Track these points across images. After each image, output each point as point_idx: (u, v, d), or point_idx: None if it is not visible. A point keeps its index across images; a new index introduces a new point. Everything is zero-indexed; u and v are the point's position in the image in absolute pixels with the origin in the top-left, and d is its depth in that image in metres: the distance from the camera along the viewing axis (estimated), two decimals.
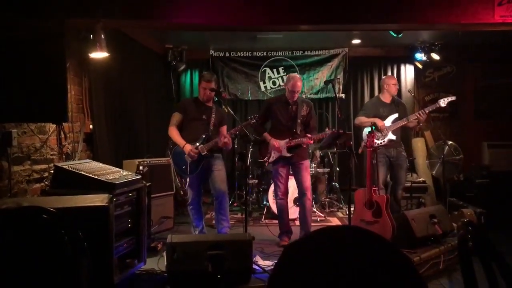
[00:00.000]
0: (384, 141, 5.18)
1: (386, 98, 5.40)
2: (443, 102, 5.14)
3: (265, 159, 4.86)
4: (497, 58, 7.31)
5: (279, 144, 4.70)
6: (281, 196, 4.83)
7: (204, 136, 4.58)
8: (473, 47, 7.29)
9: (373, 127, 5.16)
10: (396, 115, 5.26)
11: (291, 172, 4.91)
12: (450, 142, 6.11)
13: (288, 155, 4.71)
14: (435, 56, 7.18)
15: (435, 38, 7.00)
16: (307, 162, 4.88)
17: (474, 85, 7.71)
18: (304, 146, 4.74)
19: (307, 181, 4.82)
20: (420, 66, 7.60)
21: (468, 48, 7.34)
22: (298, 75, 4.96)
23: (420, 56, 7.31)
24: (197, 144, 4.52)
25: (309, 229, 4.76)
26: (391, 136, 5.19)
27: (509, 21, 4.13)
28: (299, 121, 4.73)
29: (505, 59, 7.23)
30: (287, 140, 4.71)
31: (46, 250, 2.32)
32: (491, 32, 4.60)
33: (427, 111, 5.13)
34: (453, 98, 5.21)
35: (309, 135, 4.66)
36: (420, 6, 4.16)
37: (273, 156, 4.77)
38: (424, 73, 7.82)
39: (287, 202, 4.90)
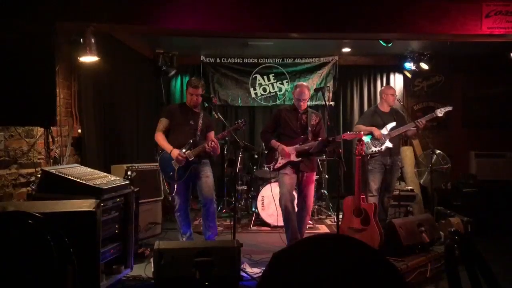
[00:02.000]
0: (381, 149, 5.21)
1: (384, 107, 5.45)
2: (440, 112, 5.18)
3: (271, 165, 4.81)
4: (485, 68, 7.42)
5: (289, 149, 4.66)
6: (287, 198, 4.63)
7: (191, 141, 4.56)
8: (461, 57, 7.38)
9: (370, 136, 5.22)
10: (393, 124, 5.30)
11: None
12: (438, 151, 6.16)
13: (297, 159, 4.64)
14: (424, 66, 7.26)
15: (424, 48, 7.09)
16: (314, 175, 4.85)
17: (462, 95, 7.81)
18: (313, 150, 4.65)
19: (311, 197, 4.80)
20: (409, 75, 7.68)
21: (456, 58, 7.44)
22: (305, 84, 4.92)
23: (409, 65, 7.40)
24: (184, 150, 4.50)
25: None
26: (388, 144, 5.23)
27: (496, 33, 4.20)
28: (309, 129, 4.71)
29: (492, 69, 7.34)
30: (297, 145, 4.66)
31: (32, 256, 2.29)
32: (479, 42, 4.67)
33: (424, 121, 5.17)
34: (450, 108, 5.24)
35: (319, 138, 4.63)
36: (410, 16, 4.22)
37: (280, 162, 4.71)
38: (413, 82, 7.90)
39: (294, 208, 4.72)
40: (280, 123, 4.82)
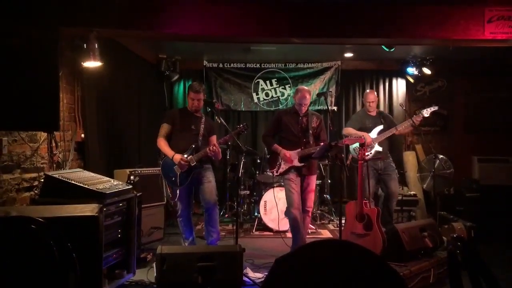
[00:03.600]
0: (371, 153, 5.21)
1: (370, 110, 5.46)
2: (426, 112, 5.22)
3: (274, 170, 4.80)
4: (487, 72, 7.41)
5: (290, 154, 4.66)
6: (295, 206, 4.61)
7: (193, 146, 4.57)
8: (464, 62, 7.37)
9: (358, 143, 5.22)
10: (381, 127, 5.32)
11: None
12: (440, 156, 6.15)
13: (299, 165, 4.65)
14: (427, 71, 7.25)
15: (426, 53, 7.09)
16: (315, 178, 4.87)
17: (464, 99, 7.80)
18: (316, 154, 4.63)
19: (312, 199, 4.81)
20: (411, 80, 7.67)
21: (459, 62, 7.43)
22: (306, 88, 4.93)
23: (411, 70, 7.38)
24: (185, 155, 4.51)
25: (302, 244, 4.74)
26: (377, 147, 5.24)
27: (499, 38, 4.20)
28: (310, 131, 4.72)
29: (495, 74, 7.33)
30: (298, 150, 4.66)
31: (34, 261, 2.29)
32: (482, 47, 4.67)
33: (418, 119, 5.18)
34: (436, 108, 5.31)
35: (321, 144, 4.62)
36: (412, 21, 4.23)
37: (283, 167, 4.71)
38: (416, 87, 7.89)
39: (301, 214, 4.68)
40: (281, 127, 4.82)
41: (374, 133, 5.30)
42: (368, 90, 5.94)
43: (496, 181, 6.52)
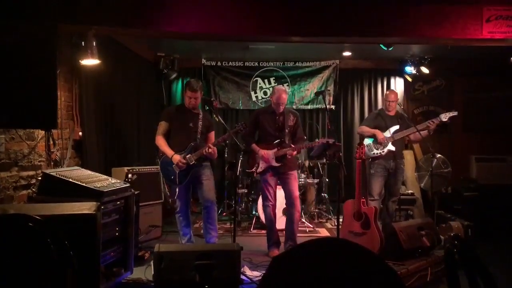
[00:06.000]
0: (383, 151, 5.19)
1: (389, 110, 5.43)
2: (444, 117, 5.11)
3: (253, 169, 4.88)
4: (485, 72, 7.43)
5: (268, 155, 4.72)
6: (270, 205, 4.85)
7: (192, 144, 4.57)
8: (462, 61, 7.39)
9: (372, 139, 5.23)
10: (397, 127, 5.28)
11: (279, 182, 4.92)
12: (438, 155, 6.16)
13: (277, 165, 4.73)
14: (425, 70, 7.26)
15: (424, 52, 7.10)
16: (295, 173, 4.92)
17: (462, 99, 7.80)
18: (289, 157, 4.75)
19: (296, 191, 4.84)
20: (409, 79, 7.67)
21: (457, 62, 7.44)
22: (283, 87, 5.03)
23: (409, 69, 7.39)
24: (184, 154, 4.51)
25: (295, 239, 4.77)
26: (390, 147, 5.21)
27: (497, 37, 4.20)
28: (286, 131, 4.78)
29: (493, 73, 7.34)
30: (275, 150, 4.73)
31: (32, 259, 2.29)
32: (480, 46, 4.67)
33: (434, 123, 5.12)
34: (455, 113, 5.18)
35: (293, 146, 4.71)
36: (411, 20, 4.22)
37: (261, 166, 4.79)
38: (414, 86, 7.90)
39: (275, 212, 4.92)
40: (258, 125, 4.91)
41: (388, 133, 5.28)
42: (389, 90, 5.90)
43: (493, 180, 6.55)
